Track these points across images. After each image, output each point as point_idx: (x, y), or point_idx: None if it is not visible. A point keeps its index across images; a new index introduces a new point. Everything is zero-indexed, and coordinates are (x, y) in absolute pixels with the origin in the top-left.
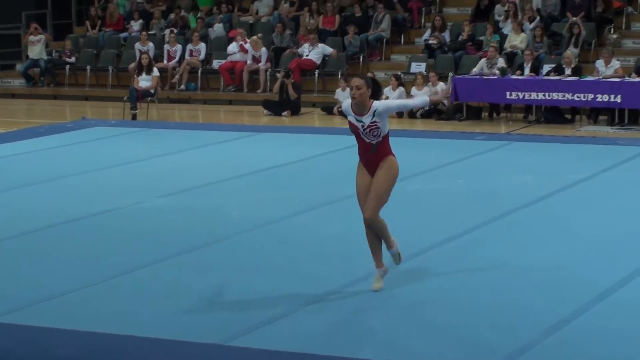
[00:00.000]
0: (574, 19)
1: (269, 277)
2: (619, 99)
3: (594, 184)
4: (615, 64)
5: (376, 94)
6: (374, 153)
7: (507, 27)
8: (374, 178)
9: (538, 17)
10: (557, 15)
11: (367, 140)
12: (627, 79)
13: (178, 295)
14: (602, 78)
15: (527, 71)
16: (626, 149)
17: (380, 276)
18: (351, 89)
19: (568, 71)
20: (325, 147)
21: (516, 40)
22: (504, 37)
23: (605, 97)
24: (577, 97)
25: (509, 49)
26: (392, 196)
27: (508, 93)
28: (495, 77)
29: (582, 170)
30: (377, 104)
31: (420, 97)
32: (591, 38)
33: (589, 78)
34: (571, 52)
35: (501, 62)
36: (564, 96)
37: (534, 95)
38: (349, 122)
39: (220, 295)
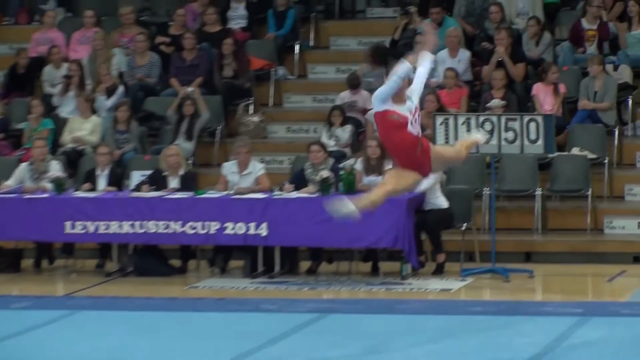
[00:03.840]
0: (187, 89)
1: None
2: (263, 231)
3: None
4: (257, 167)
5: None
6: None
7: (69, 105)
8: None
9: (122, 88)
10: (153, 84)
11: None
12: (277, 193)
13: None
14: (234, 193)
15: (102, 184)
16: (278, 318)
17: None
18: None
19: (174, 182)
20: None
21: (84, 129)
22: (61, 123)
23: (241, 228)
24: (192, 228)
25: (69, 145)
26: None
27: (69, 224)
28: (48, 195)
29: None
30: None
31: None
32: (215, 123)
33: (211, 194)
34: (178, 147)
35: (56, 170)
36: (165, 227)
37: (114, 228)
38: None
39: None
